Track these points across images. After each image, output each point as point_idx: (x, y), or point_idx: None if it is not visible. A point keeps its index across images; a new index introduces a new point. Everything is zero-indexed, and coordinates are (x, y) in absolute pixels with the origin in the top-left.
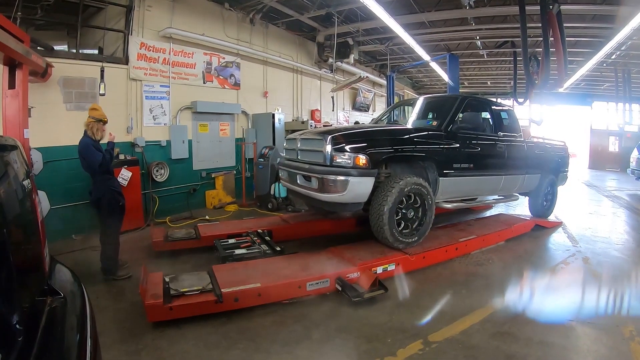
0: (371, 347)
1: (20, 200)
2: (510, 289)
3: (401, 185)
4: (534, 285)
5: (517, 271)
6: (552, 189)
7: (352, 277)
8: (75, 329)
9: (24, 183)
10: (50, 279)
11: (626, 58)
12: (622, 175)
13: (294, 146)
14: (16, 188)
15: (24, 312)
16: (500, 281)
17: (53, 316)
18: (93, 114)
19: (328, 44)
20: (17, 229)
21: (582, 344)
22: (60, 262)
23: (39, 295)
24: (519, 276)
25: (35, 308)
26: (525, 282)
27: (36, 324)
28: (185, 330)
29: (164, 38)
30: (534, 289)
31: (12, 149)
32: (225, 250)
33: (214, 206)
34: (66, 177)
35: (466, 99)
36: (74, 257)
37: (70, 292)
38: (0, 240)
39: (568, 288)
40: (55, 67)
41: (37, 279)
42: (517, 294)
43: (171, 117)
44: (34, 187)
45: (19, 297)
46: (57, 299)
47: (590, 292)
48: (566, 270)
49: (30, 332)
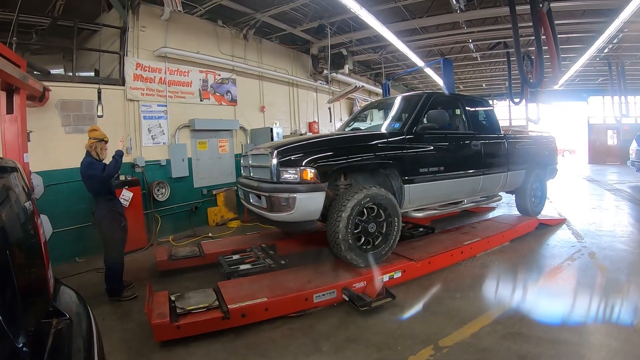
0: (382, 355)
1: (23, 222)
2: (518, 289)
3: (357, 198)
4: (541, 284)
5: (523, 271)
6: (541, 184)
7: (359, 286)
8: (82, 349)
9: (25, 205)
10: (55, 300)
11: (619, 51)
12: (622, 168)
13: (247, 163)
14: (18, 210)
15: (30, 334)
16: (508, 282)
17: (59, 337)
18: (93, 135)
19: (322, 55)
20: (20, 250)
21: (595, 340)
22: (64, 283)
23: (45, 317)
24: (525, 276)
25: (41, 330)
26: (533, 282)
27: (42, 346)
28: (193, 348)
29: (159, 57)
30: (542, 288)
31: (12, 171)
32: (230, 266)
33: (217, 223)
34: (68, 200)
35: (432, 96)
36: (79, 280)
37: (76, 313)
38: (4, 262)
39: (576, 285)
40: (53, 91)
41: (41, 301)
42: (525, 294)
43: (170, 136)
44: (35, 209)
45: (24, 319)
46: (63, 321)
47: (598, 287)
48: (573, 266)
49: (36, 354)
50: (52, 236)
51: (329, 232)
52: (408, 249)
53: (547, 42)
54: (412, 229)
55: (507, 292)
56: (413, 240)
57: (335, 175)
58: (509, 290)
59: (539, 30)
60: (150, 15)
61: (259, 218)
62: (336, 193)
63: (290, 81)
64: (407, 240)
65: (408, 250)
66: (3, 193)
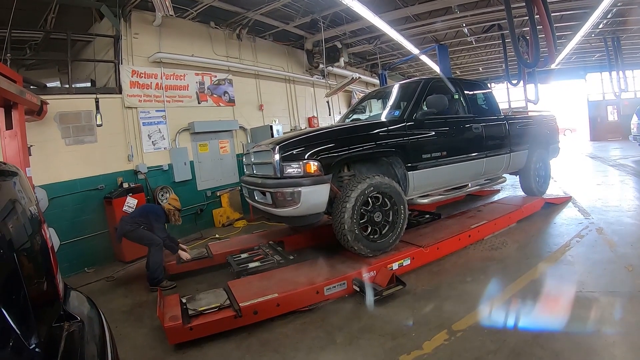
0: (396, 343)
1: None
2: (528, 269)
3: (361, 188)
4: (551, 262)
5: (532, 251)
6: (544, 163)
7: (369, 276)
8: (95, 350)
9: (30, 209)
10: (66, 304)
11: (613, 26)
12: (624, 143)
13: (250, 160)
14: (23, 214)
15: (42, 336)
16: (517, 263)
17: (72, 340)
18: (173, 204)
19: (317, 50)
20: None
21: (609, 314)
22: (74, 288)
23: (56, 321)
24: (534, 255)
25: (53, 333)
26: (543, 261)
27: (55, 348)
28: (207, 349)
29: (155, 63)
30: (552, 266)
31: (13, 175)
32: (239, 265)
33: (223, 224)
34: (73, 212)
35: (430, 82)
36: (89, 289)
37: (88, 316)
38: (12, 265)
39: (586, 260)
40: (50, 104)
41: (52, 305)
42: (535, 273)
43: (170, 141)
44: (40, 215)
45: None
46: (75, 324)
47: (608, 262)
48: (582, 243)
49: (49, 356)
50: (60, 248)
51: (335, 224)
52: (416, 236)
53: (541, 21)
54: (419, 216)
55: (517, 273)
56: (420, 227)
57: (339, 166)
58: (518, 271)
59: (532, 9)
60: (142, 22)
61: (265, 216)
62: (340, 185)
63: (286, 78)
64: (414, 227)
65: (415, 237)
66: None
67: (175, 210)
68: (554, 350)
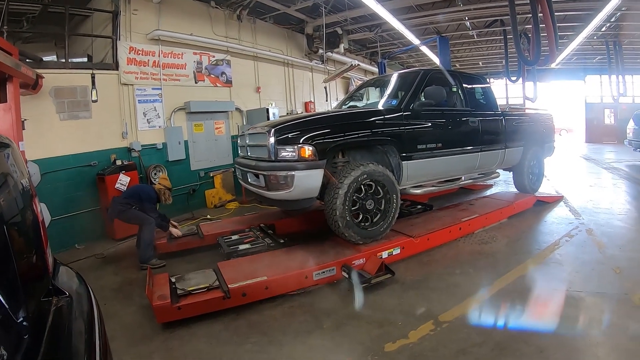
0: (383, 331)
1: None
2: (516, 265)
3: (354, 175)
4: (539, 260)
5: (521, 247)
6: (538, 161)
7: (358, 263)
8: (83, 326)
9: (22, 182)
10: (55, 279)
11: (616, 30)
12: (619, 147)
13: (244, 142)
14: (14, 187)
15: (30, 311)
16: (506, 258)
17: (60, 315)
18: (164, 183)
19: (317, 35)
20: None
21: (593, 313)
22: (64, 264)
23: (45, 295)
24: (524, 252)
25: (42, 308)
26: (531, 258)
27: (43, 323)
28: (195, 329)
29: (153, 40)
30: (540, 263)
31: (5, 147)
32: (229, 246)
33: (215, 205)
34: (65, 187)
35: (429, 73)
36: (79, 266)
37: (76, 292)
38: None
39: (574, 260)
40: (46, 78)
41: (41, 279)
42: (523, 269)
43: (165, 119)
44: (32, 188)
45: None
46: (63, 298)
47: (597, 263)
48: (571, 242)
49: (37, 330)
50: (51, 224)
51: (327, 210)
52: (407, 226)
53: (544, 20)
54: (411, 206)
55: (505, 268)
56: (411, 218)
57: (333, 152)
58: (507, 266)
59: (536, 7)
60: None
61: (257, 198)
62: (334, 171)
63: (285, 61)
64: (406, 217)
65: (407, 227)
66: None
67: (166, 190)
68: (538, 347)
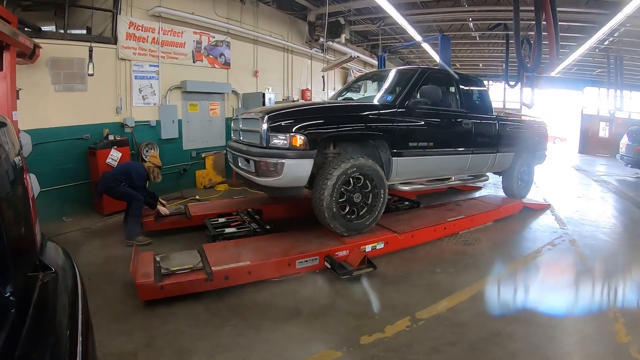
0: (360, 323)
1: (11, 177)
2: (497, 268)
3: (344, 167)
4: (520, 265)
5: (504, 251)
6: (528, 168)
7: (341, 255)
8: (67, 303)
9: (14, 160)
10: (42, 255)
11: (619, 45)
12: (611, 160)
13: (238, 126)
14: (7, 164)
15: (17, 285)
16: (488, 261)
17: (45, 290)
18: (153, 161)
19: (319, 23)
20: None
21: (567, 324)
22: (51, 239)
23: (32, 270)
24: (506, 256)
25: (28, 282)
26: (512, 263)
27: (29, 298)
28: (176, 308)
29: (153, 17)
30: (521, 269)
31: (1, 126)
32: (216, 229)
33: (204, 186)
34: (56, 159)
35: (426, 72)
36: (65, 239)
37: (62, 268)
38: None
39: (554, 270)
40: (43, 48)
41: (29, 255)
42: (503, 273)
43: (161, 97)
44: (24, 165)
45: (11, 270)
46: (49, 274)
47: (575, 275)
48: (553, 251)
49: (23, 305)
50: (39, 195)
51: (314, 199)
52: (392, 222)
53: (548, 29)
54: (398, 202)
55: (487, 270)
56: (398, 213)
57: (325, 143)
58: (488, 269)
59: (540, 15)
60: None
61: (246, 182)
62: (324, 161)
63: (285, 47)
64: (392, 212)
65: (392, 222)
66: None
67: (155, 168)
68: (511, 350)
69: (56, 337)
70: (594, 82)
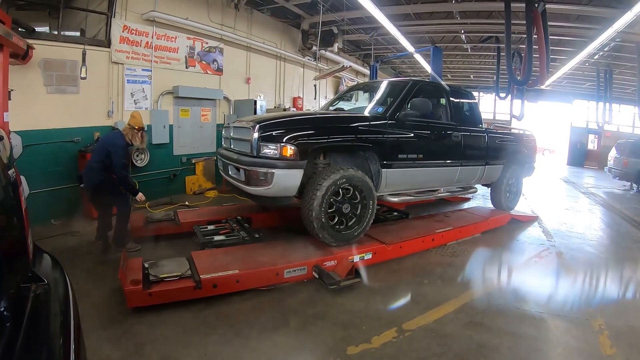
0: (347, 334)
1: (5, 188)
2: (484, 280)
3: (333, 178)
4: (507, 277)
5: (491, 263)
6: (517, 180)
7: (329, 265)
8: (59, 315)
9: (8, 172)
10: (34, 266)
11: (609, 59)
12: (599, 173)
13: (229, 134)
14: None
15: (10, 299)
16: (475, 272)
17: (38, 303)
18: (131, 122)
19: (312, 31)
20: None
21: (553, 336)
22: (42, 249)
23: (24, 282)
24: (493, 268)
25: (21, 295)
26: (499, 275)
27: (22, 311)
28: (164, 315)
29: (147, 21)
30: (507, 281)
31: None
32: (205, 236)
33: (194, 192)
34: (46, 161)
35: (417, 84)
36: (54, 243)
37: (54, 278)
38: None
39: (540, 281)
40: (36, 49)
41: (21, 266)
42: (490, 285)
43: (152, 102)
44: (17, 174)
45: (5, 284)
46: (41, 286)
47: (561, 286)
48: (539, 263)
49: (16, 318)
50: (29, 197)
51: (303, 209)
52: (381, 232)
53: (539, 42)
54: (387, 213)
55: (473, 282)
56: (387, 224)
57: (315, 153)
58: (475, 281)
59: (531, 29)
60: None
61: (236, 190)
62: (314, 171)
63: (278, 55)
64: (381, 223)
65: (381, 233)
66: None
67: (132, 129)
68: None
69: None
70: (584, 95)
